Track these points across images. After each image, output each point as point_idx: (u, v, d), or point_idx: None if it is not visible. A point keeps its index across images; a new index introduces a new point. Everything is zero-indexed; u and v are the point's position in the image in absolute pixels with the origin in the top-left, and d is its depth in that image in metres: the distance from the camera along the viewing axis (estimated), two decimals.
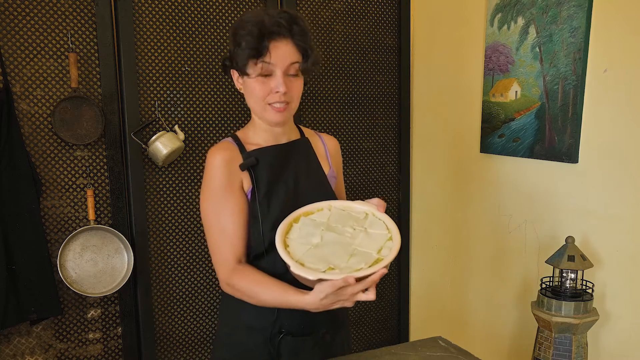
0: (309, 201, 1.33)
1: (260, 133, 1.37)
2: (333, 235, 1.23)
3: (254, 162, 1.31)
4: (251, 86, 1.28)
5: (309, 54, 1.28)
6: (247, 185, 1.32)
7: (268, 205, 1.31)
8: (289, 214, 1.29)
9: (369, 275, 1.13)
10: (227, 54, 1.32)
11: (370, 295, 1.15)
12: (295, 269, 1.15)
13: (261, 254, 1.32)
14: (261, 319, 1.34)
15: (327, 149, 1.48)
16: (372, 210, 1.31)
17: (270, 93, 1.27)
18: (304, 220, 1.27)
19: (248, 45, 1.23)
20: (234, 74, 1.33)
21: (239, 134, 1.39)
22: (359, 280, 1.13)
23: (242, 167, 1.31)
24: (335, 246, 1.21)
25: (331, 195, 1.41)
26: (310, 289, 1.18)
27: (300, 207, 1.31)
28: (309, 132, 1.49)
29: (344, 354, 1.42)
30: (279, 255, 1.19)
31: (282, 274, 1.26)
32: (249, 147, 1.35)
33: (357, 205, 1.32)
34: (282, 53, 1.24)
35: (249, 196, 1.32)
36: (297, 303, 1.19)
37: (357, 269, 1.14)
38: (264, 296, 1.25)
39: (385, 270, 1.13)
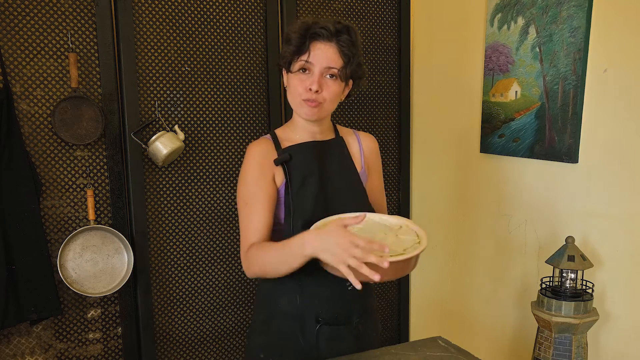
0: (341, 199, 1.40)
1: (298, 131, 1.45)
2: (366, 235, 1.26)
3: (288, 158, 1.39)
4: (291, 82, 1.38)
5: (351, 62, 1.36)
6: (280, 179, 1.40)
7: (301, 200, 1.38)
8: (321, 209, 1.36)
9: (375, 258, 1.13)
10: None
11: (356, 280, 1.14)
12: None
13: None
14: (296, 306, 1.40)
15: (361, 148, 1.53)
16: (407, 223, 1.34)
17: (306, 90, 1.35)
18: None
19: (293, 42, 1.34)
20: (284, 73, 1.42)
21: (277, 131, 1.48)
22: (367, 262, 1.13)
23: (277, 163, 1.39)
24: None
25: (363, 195, 1.46)
26: (337, 277, 1.19)
27: (332, 204, 1.38)
28: (345, 131, 1.54)
29: (372, 343, 1.47)
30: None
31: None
32: (285, 144, 1.43)
33: (393, 219, 1.35)
34: (322, 54, 1.33)
35: (282, 190, 1.40)
36: (298, 242, 1.21)
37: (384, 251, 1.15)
38: (269, 256, 1.29)
39: (383, 261, 1.12)
